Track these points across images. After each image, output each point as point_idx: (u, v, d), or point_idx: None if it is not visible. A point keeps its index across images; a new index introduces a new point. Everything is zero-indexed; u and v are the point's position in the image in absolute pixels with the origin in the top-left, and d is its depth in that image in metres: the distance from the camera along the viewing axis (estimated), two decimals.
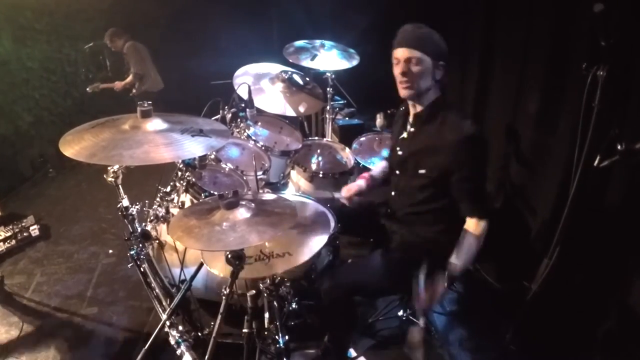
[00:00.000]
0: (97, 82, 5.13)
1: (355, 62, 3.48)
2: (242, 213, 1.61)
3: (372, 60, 3.74)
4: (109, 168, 2.10)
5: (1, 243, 3.45)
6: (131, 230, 2.19)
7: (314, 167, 3.05)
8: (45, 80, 5.01)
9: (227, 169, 2.62)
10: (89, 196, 4.41)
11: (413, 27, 1.83)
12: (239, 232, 1.52)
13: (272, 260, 1.77)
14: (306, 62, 3.37)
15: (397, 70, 1.85)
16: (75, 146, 1.57)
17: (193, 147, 1.66)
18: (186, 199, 2.43)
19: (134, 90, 5.09)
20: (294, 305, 2.26)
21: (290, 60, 3.37)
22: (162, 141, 1.63)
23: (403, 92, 1.87)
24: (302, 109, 3.02)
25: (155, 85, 5.14)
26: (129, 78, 5.03)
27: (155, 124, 1.71)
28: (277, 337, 2.01)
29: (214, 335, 1.70)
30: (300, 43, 3.54)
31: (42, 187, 4.74)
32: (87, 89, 5.05)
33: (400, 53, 1.82)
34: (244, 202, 1.65)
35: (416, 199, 2.00)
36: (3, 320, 2.76)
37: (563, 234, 2.02)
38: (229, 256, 1.55)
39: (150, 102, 1.75)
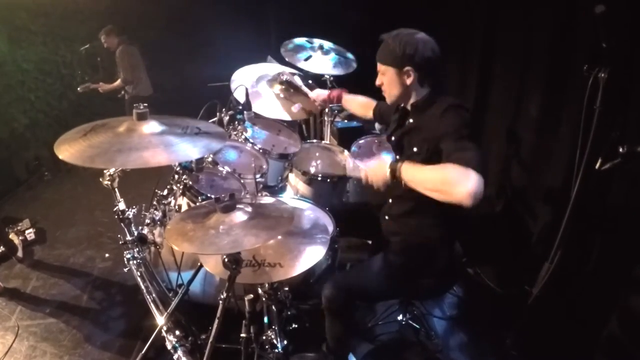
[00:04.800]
0: (88, 82, 5.08)
1: (351, 69, 3.46)
2: (238, 216, 1.59)
3: (372, 62, 3.72)
4: (105, 171, 2.08)
5: None
6: (128, 234, 2.17)
7: (312, 170, 3.02)
8: (40, 82, 4.98)
9: (224, 172, 2.60)
10: (85, 199, 4.38)
11: (385, 37, 1.91)
12: (233, 235, 1.50)
13: (262, 268, 1.74)
14: (300, 63, 3.34)
15: None
16: (70, 149, 1.55)
17: (190, 150, 1.64)
18: (183, 202, 2.40)
19: (126, 96, 5.05)
20: (292, 310, 2.24)
21: (287, 59, 3.34)
22: (160, 144, 1.61)
23: (386, 99, 2.02)
24: (296, 110, 2.99)
25: (145, 90, 5.08)
26: (117, 83, 4.98)
27: (152, 126, 1.69)
28: (275, 341, 1.99)
29: (211, 340, 1.67)
30: (299, 41, 3.52)
31: (38, 191, 4.70)
32: (79, 88, 5.01)
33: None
34: (241, 206, 1.63)
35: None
36: None
37: (564, 238, 2.01)
38: (226, 260, 1.53)
39: (146, 105, 1.73)
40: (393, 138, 2.07)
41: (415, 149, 1.88)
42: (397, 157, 2.09)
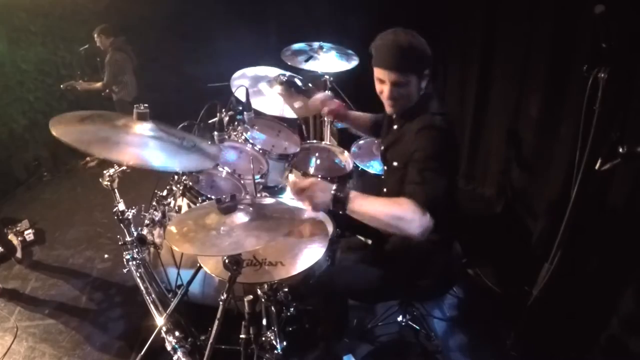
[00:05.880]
0: (72, 81, 4.99)
1: (354, 63, 3.43)
2: (239, 217, 1.58)
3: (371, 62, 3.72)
4: (104, 172, 2.08)
5: None
6: (127, 234, 2.16)
7: (312, 170, 3.01)
8: (40, 82, 4.97)
9: (224, 173, 2.59)
10: (84, 200, 4.37)
11: (394, 39, 1.73)
12: (234, 237, 1.49)
13: (263, 267, 1.74)
14: (301, 65, 3.33)
15: (384, 92, 1.80)
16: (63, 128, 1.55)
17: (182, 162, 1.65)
18: (183, 203, 2.40)
19: (114, 97, 5.02)
20: (292, 311, 2.24)
21: (289, 63, 3.34)
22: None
23: (389, 110, 1.86)
24: (297, 106, 2.98)
25: (129, 95, 5.00)
26: (98, 85, 4.90)
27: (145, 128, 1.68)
28: (275, 342, 1.98)
29: (211, 341, 1.67)
30: (298, 45, 3.51)
31: (37, 191, 4.69)
32: (62, 85, 4.93)
33: (384, 75, 1.76)
34: (241, 207, 1.63)
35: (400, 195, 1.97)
36: None
37: (564, 238, 2.00)
38: (226, 261, 1.53)
39: (147, 105, 1.72)
40: (382, 147, 2.08)
41: (395, 163, 1.90)
42: (385, 167, 2.10)
